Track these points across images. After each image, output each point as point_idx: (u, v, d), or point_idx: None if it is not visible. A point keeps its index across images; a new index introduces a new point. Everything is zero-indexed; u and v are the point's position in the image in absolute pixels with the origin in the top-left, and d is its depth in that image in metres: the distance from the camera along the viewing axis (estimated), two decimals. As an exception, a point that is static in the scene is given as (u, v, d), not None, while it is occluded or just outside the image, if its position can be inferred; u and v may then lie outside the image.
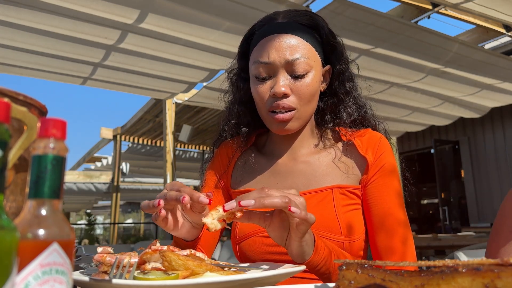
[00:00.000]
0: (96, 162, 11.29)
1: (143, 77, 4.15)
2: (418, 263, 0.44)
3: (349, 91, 1.06)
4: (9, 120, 0.34)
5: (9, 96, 0.41)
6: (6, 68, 3.75)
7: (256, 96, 0.98)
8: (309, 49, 0.96)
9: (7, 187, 0.40)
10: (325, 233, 0.92)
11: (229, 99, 1.14)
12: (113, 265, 0.65)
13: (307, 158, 1.05)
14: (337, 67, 1.04)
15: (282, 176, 1.04)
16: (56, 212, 0.38)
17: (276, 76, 0.95)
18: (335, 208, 0.95)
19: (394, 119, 5.92)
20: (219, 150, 1.15)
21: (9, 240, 0.32)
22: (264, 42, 0.96)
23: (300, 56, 0.94)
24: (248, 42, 1.04)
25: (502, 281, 0.37)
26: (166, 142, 6.38)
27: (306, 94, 0.95)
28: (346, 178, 1.00)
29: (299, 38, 0.96)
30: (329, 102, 1.06)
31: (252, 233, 0.98)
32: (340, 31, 3.50)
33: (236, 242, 1.01)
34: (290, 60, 0.93)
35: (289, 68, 0.94)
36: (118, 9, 2.91)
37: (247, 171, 1.09)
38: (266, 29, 0.98)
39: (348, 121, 1.05)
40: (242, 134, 1.08)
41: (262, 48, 0.96)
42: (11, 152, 0.39)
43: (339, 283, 0.47)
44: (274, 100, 0.94)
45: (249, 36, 1.04)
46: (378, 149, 1.00)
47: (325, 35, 1.01)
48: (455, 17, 3.81)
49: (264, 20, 1.01)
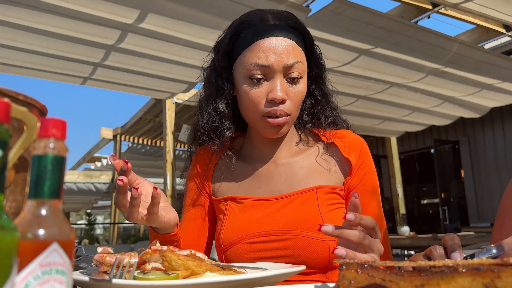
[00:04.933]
0: (96, 162, 11.28)
1: (143, 77, 4.16)
2: (418, 263, 0.44)
3: (325, 93, 1.06)
4: (9, 120, 0.34)
5: (9, 96, 0.41)
6: (6, 68, 3.75)
7: (249, 100, 0.94)
8: (302, 54, 0.96)
9: (7, 187, 0.40)
10: (310, 233, 0.92)
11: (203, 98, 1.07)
12: (113, 265, 0.65)
13: (288, 159, 1.03)
14: (315, 70, 1.04)
15: (264, 180, 1.03)
16: (56, 212, 0.38)
17: (273, 80, 0.92)
18: (319, 208, 0.95)
19: (394, 119, 5.93)
20: (196, 156, 1.12)
21: (9, 240, 0.32)
22: (260, 43, 0.92)
23: (297, 60, 0.93)
24: (233, 41, 0.98)
25: (502, 281, 0.37)
26: (166, 142, 6.38)
27: (299, 100, 0.95)
28: (328, 178, 1.00)
29: (293, 43, 0.94)
30: (307, 103, 1.05)
31: (237, 240, 0.96)
32: (340, 31, 3.52)
33: (221, 250, 0.98)
34: (288, 64, 0.91)
35: (286, 72, 0.92)
36: (118, 9, 2.91)
37: (227, 177, 1.06)
38: (259, 29, 0.94)
39: (325, 123, 1.05)
40: (225, 138, 1.02)
41: (258, 50, 0.92)
42: (11, 152, 0.39)
43: (339, 283, 0.47)
44: (271, 106, 0.92)
45: (233, 35, 0.98)
46: (361, 154, 1.01)
47: (308, 40, 1.00)
48: (455, 17, 3.81)
49: (254, 19, 0.96)
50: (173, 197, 6.22)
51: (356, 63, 3.91)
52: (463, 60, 4.03)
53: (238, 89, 0.97)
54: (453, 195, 8.39)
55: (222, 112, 1.01)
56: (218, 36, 1.06)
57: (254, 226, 0.96)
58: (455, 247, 0.64)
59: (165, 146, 6.40)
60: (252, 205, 1.00)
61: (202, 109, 1.05)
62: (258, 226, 0.96)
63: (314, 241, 0.91)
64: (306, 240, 0.92)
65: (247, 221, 0.98)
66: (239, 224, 0.98)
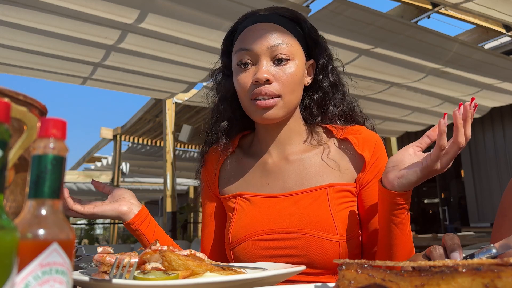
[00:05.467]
0: (96, 162, 11.29)
1: (143, 77, 4.16)
2: (418, 263, 0.44)
3: (334, 83, 1.05)
4: (9, 120, 0.34)
5: (9, 96, 0.41)
6: (6, 68, 3.75)
7: (238, 86, 0.96)
8: (291, 37, 0.96)
9: (7, 187, 0.40)
10: (320, 232, 0.91)
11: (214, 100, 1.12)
12: (113, 265, 0.65)
13: (299, 156, 1.02)
14: (321, 61, 1.04)
15: (274, 176, 1.01)
16: (56, 212, 0.38)
17: (259, 63, 0.93)
18: (330, 207, 0.93)
19: (394, 119, 5.93)
20: (208, 157, 1.13)
21: (9, 240, 0.32)
22: (246, 31, 0.96)
23: (282, 42, 0.93)
24: (231, 39, 1.03)
25: (502, 281, 0.37)
26: (166, 142, 6.38)
27: (290, 82, 0.93)
28: (340, 175, 0.98)
29: (281, 27, 0.96)
30: (315, 96, 1.04)
31: (246, 237, 0.96)
32: (340, 31, 3.52)
33: (230, 247, 0.98)
34: (272, 45, 0.93)
35: (272, 55, 0.93)
36: (118, 9, 2.91)
37: (235, 175, 1.07)
38: (248, 21, 0.98)
39: (335, 113, 1.03)
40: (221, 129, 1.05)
41: (244, 37, 0.96)
42: (11, 152, 0.39)
43: (339, 283, 0.47)
44: (256, 87, 0.92)
45: (231, 33, 1.03)
46: (375, 150, 0.99)
47: (307, 28, 1.01)
48: (455, 17, 3.81)
49: (246, 15, 1.02)
50: (173, 197, 6.22)
51: (356, 63, 3.91)
52: (463, 60, 4.03)
53: (233, 79, 0.99)
54: (453, 195, 8.39)
55: (221, 106, 1.05)
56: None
57: (262, 223, 0.95)
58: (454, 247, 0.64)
59: (165, 146, 6.40)
60: (261, 202, 0.99)
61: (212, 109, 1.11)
62: (267, 224, 0.95)
63: (324, 241, 0.90)
64: (316, 240, 0.90)
65: (255, 218, 0.97)
66: (248, 221, 0.97)
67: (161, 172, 7.25)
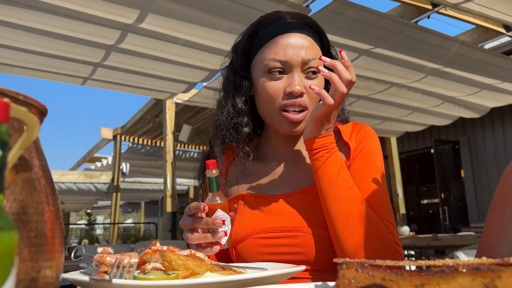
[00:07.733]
0: (96, 162, 11.29)
1: (143, 77, 4.16)
2: (418, 263, 0.44)
3: None
4: (9, 120, 0.33)
5: (9, 96, 0.41)
6: (6, 68, 3.76)
7: (267, 94, 0.96)
8: (318, 51, 0.99)
9: (7, 187, 0.40)
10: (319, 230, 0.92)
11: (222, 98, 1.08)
12: (113, 265, 0.65)
13: (299, 156, 1.05)
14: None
15: (277, 177, 1.04)
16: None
17: (292, 74, 0.95)
18: None
19: (394, 119, 5.93)
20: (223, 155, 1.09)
21: (9, 240, 0.32)
22: (278, 40, 0.96)
23: (314, 57, 0.96)
24: (251, 39, 1.02)
25: (502, 281, 0.37)
26: (166, 142, 6.38)
27: (317, 96, 0.96)
28: None
29: (311, 40, 0.98)
30: None
31: (248, 235, 0.97)
32: (340, 31, 3.52)
33: (232, 245, 0.99)
34: (306, 59, 0.95)
35: (304, 67, 0.95)
36: (118, 9, 2.91)
37: (240, 177, 1.07)
38: (276, 27, 0.99)
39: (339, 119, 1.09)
40: (243, 134, 1.03)
41: (276, 45, 0.96)
42: (11, 152, 0.39)
43: (339, 282, 0.47)
44: (288, 98, 0.94)
45: (252, 34, 1.02)
46: (360, 135, 1.02)
47: (325, 39, 1.05)
48: (455, 17, 3.81)
49: (271, 19, 1.01)
50: (173, 197, 6.22)
51: (356, 63, 3.91)
52: (463, 60, 4.03)
53: (256, 85, 1.00)
54: (453, 195, 8.39)
55: (240, 109, 1.03)
56: (236, 38, 1.09)
57: (264, 221, 0.97)
58: None
59: (165, 146, 6.40)
60: (262, 202, 1.01)
61: (221, 108, 1.07)
62: (268, 222, 0.97)
63: (323, 239, 0.91)
64: (316, 238, 0.91)
65: (257, 217, 0.99)
66: (250, 220, 0.99)
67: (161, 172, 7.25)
